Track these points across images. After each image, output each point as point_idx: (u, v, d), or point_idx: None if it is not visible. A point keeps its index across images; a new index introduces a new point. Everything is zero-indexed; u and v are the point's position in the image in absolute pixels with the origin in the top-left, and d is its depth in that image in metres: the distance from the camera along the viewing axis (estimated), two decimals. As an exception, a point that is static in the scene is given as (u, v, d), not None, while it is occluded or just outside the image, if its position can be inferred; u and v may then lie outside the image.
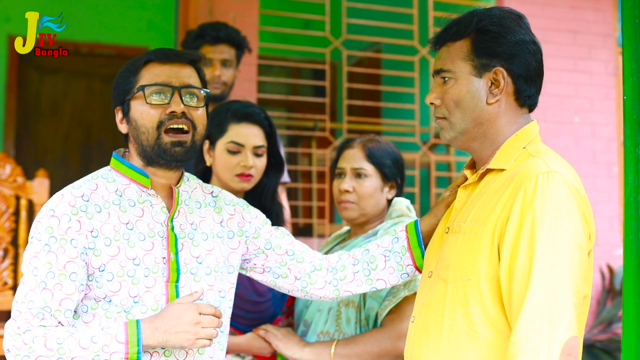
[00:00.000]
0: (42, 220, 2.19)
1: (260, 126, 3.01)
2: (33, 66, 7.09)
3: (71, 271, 2.15)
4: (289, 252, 2.53)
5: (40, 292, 2.12)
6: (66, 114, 7.28)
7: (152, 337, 2.14)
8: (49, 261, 2.14)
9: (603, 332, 5.94)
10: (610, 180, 6.27)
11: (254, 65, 5.55)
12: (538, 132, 2.18)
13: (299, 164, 7.09)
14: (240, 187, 2.97)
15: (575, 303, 1.89)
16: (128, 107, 2.29)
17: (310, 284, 2.52)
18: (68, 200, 2.21)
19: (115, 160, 2.35)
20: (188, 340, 2.16)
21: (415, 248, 2.45)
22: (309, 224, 6.28)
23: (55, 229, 2.16)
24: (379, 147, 2.98)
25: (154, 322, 2.16)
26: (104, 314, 2.20)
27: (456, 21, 2.18)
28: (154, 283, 2.24)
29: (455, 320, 2.04)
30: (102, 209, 2.24)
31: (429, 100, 2.20)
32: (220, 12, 5.44)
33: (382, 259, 2.49)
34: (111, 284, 2.19)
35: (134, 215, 2.27)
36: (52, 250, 2.15)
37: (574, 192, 1.97)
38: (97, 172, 2.35)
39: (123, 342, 2.10)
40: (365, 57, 7.31)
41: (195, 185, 2.47)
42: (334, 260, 2.55)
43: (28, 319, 2.09)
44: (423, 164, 6.32)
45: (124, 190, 2.30)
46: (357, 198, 2.93)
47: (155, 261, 2.25)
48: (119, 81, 2.33)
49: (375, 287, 2.51)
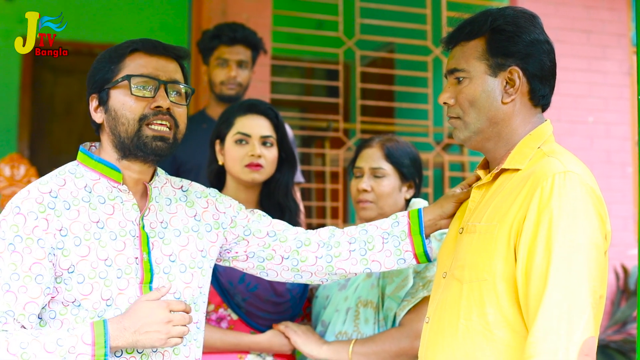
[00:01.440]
0: (7, 218, 2.06)
1: (266, 117, 3.03)
2: (47, 67, 7.11)
3: (37, 273, 2.03)
4: (269, 234, 2.45)
5: (3, 294, 1.99)
6: (80, 114, 7.29)
7: (120, 338, 2.04)
8: (13, 262, 2.01)
9: (617, 332, 5.92)
10: (624, 180, 6.24)
11: (267, 65, 5.55)
12: (552, 131, 2.17)
13: (312, 164, 7.09)
14: (250, 177, 2.97)
15: (592, 303, 1.89)
16: (107, 96, 2.20)
17: (300, 261, 2.44)
18: (35, 196, 2.09)
19: (83, 155, 2.25)
20: (159, 340, 2.07)
21: (415, 235, 2.41)
22: (322, 224, 6.27)
23: (21, 227, 2.04)
24: (397, 146, 2.98)
25: (122, 321, 2.06)
26: (73, 319, 2.09)
27: (470, 20, 2.17)
28: (127, 285, 2.14)
29: (471, 320, 2.03)
30: (71, 206, 2.13)
31: (443, 100, 2.19)
32: (233, 12, 5.45)
33: (380, 241, 2.44)
34: (82, 287, 2.08)
35: (104, 212, 2.17)
36: (16, 250, 2.02)
37: (590, 192, 1.96)
38: (63, 167, 2.24)
39: (90, 343, 1.99)
40: (378, 57, 7.30)
41: (164, 180, 2.37)
42: (325, 235, 2.48)
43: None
44: (437, 164, 6.31)
45: (93, 186, 2.19)
46: (375, 197, 2.93)
47: (127, 262, 2.15)
48: (98, 67, 2.23)
49: (370, 268, 2.45)
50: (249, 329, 2.91)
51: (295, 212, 3.12)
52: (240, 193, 3.01)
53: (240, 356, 2.89)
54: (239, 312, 2.89)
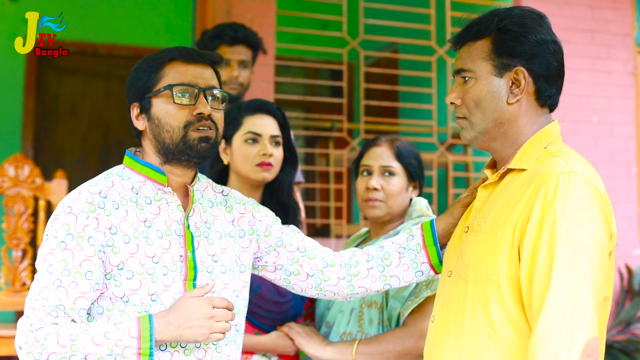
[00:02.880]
0: (59, 217, 2.16)
1: (274, 117, 3.06)
2: (51, 68, 7.12)
3: (87, 269, 2.13)
4: (300, 249, 2.51)
5: (55, 289, 2.10)
6: (84, 115, 7.31)
7: (165, 332, 2.11)
8: (64, 259, 2.12)
9: (621, 332, 5.91)
10: (628, 180, 6.24)
11: (271, 66, 5.55)
12: (559, 132, 2.17)
13: (316, 164, 7.09)
14: (261, 177, 2.98)
15: (596, 304, 1.88)
16: (149, 104, 2.27)
17: (323, 280, 2.49)
18: (85, 197, 2.19)
19: (129, 159, 2.34)
20: (202, 334, 2.14)
21: (430, 246, 2.44)
22: (326, 225, 6.28)
23: (72, 226, 2.14)
24: (405, 146, 2.99)
25: (167, 316, 2.13)
26: (120, 314, 2.18)
27: (477, 21, 2.17)
28: (172, 281, 2.22)
29: (476, 320, 2.03)
30: (120, 206, 2.22)
31: (449, 100, 2.19)
32: (237, 12, 5.45)
33: (396, 256, 2.47)
34: (131, 282, 2.17)
35: (150, 213, 2.26)
36: (68, 247, 2.13)
37: (595, 192, 1.96)
38: (111, 170, 2.33)
39: (136, 337, 2.07)
40: (382, 58, 7.31)
41: (206, 184, 2.47)
42: (347, 256, 2.53)
43: (41, 317, 2.07)
44: (440, 165, 6.32)
45: (139, 188, 2.28)
46: (384, 196, 2.93)
47: (173, 259, 2.23)
48: (137, 76, 2.30)
49: (389, 284, 2.49)
50: (254, 329, 2.91)
51: (297, 212, 3.13)
52: (244, 192, 3.00)
53: (246, 356, 2.90)
54: (243, 312, 2.89)
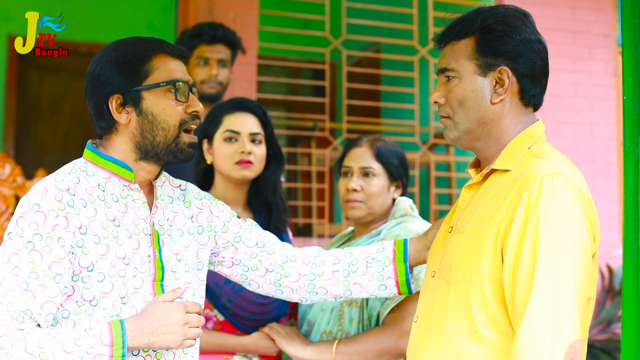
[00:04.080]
0: (26, 215, 2.02)
1: (254, 114, 3.04)
2: (33, 66, 7.09)
3: (56, 272, 2.01)
4: (259, 244, 2.44)
5: (21, 293, 1.96)
6: (66, 114, 7.28)
7: (137, 338, 2.03)
8: (32, 260, 1.99)
9: (602, 332, 5.94)
10: (609, 180, 6.27)
11: (253, 65, 5.55)
12: (544, 131, 2.17)
13: (298, 164, 7.09)
14: (241, 175, 2.97)
15: (579, 307, 1.89)
16: (139, 98, 2.16)
17: (284, 276, 2.43)
18: (54, 194, 2.05)
19: (92, 153, 2.22)
20: (176, 341, 2.07)
21: (400, 262, 2.41)
22: (308, 224, 6.28)
23: (41, 225, 2.01)
24: (386, 146, 2.98)
25: (140, 322, 2.05)
26: (87, 319, 2.07)
27: (461, 19, 2.16)
28: (142, 283, 2.15)
29: (458, 321, 2.03)
30: (88, 204, 2.10)
31: (433, 99, 2.19)
32: (219, 12, 5.44)
33: (364, 264, 2.43)
34: (102, 285, 2.08)
35: (118, 211, 2.16)
36: (36, 248, 2.00)
37: (578, 194, 1.96)
38: (72, 164, 2.21)
39: (108, 344, 1.98)
40: (364, 57, 7.31)
41: (164, 178, 2.36)
42: (311, 254, 2.48)
43: (6, 322, 1.94)
44: (423, 164, 6.33)
45: (105, 185, 2.17)
46: (364, 197, 2.92)
47: (142, 260, 2.16)
48: (118, 67, 2.16)
49: (351, 290, 2.44)
50: (235, 330, 2.90)
51: (284, 209, 3.11)
52: (229, 191, 3.01)
53: (226, 357, 2.89)
54: (225, 313, 2.89)
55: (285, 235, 3.12)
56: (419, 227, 2.84)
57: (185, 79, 2.20)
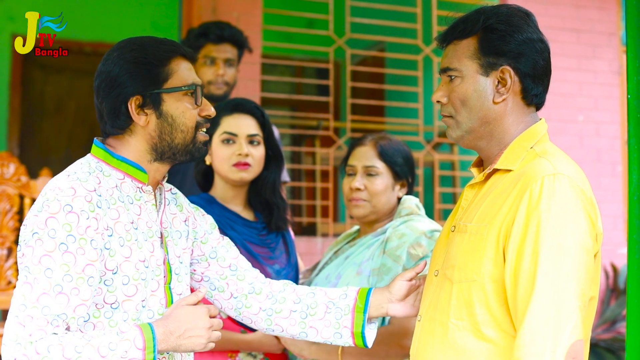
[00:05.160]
0: (57, 215, 1.97)
1: (252, 115, 3.02)
2: (37, 65, 7.09)
3: (89, 275, 1.98)
4: (231, 267, 2.43)
5: (55, 296, 1.93)
6: (70, 112, 7.29)
7: (165, 342, 2.02)
8: (65, 262, 1.95)
9: (607, 331, 5.94)
10: (614, 179, 6.27)
11: (257, 64, 5.55)
12: (546, 131, 2.16)
13: (302, 163, 7.09)
14: (238, 177, 2.96)
15: (580, 306, 1.89)
16: (159, 100, 2.15)
17: (245, 306, 2.42)
18: (83, 194, 2.01)
19: (104, 152, 2.18)
20: (200, 344, 2.08)
21: (359, 312, 2.36)
22: (312, 223, 6.28)
23: (74, 227, 1.97)
24: (390, 145, 2.97)
25: (168, 326, 2.04)
26: (107, 322, 2.06)
27: (463, 19, 2.16)
28: (158, 286, 2.16)
29: (461, 320, 2.03)
30: (111, 206, 2.08)
31: (436, 99, 2.19)
32: (224, 11, 5.44)
33: (323, 309, 2.39)
34: (126, 288, 2.07)
35: (134, 213, 2.15)
36: (69, 250, 1.96)
37: (580, 194, 1.96)
38: (85, 163, 2.17)
39: (141, 348, 1.96)
40: (368, 56, 7.32)
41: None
42: (277, 288, 2.45)
43: (41, 326, 1.90)
44: (427, 163, 6.32)
45: (120, 186, 2.15)
46: (368, 196, 2.92)
47: (157, 263, 2.16)
48: (137, 69, 2.14)
49: (306, 333, 2.40)
50: (240, 328, 2.90)
51: (284, 209, 3.11)
52: (228, 192, 3.01)
53: (230, 355, 2.89)
54: (228, 310, 2.89)
55: (287, 234, 3.12)
56: (424, 226, 2.84)
57: (200, 83, 2.21)
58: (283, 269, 3.01)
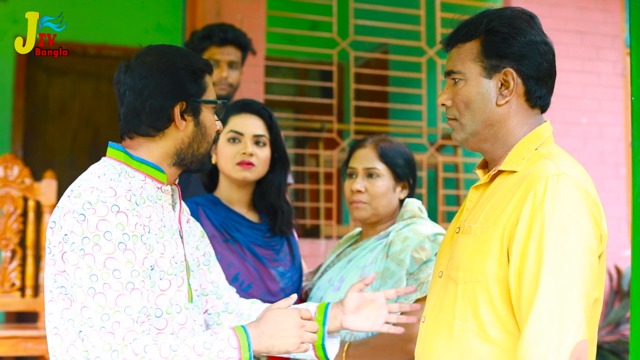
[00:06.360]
0: (108, 217, 2.01)
1: (260, 116, 3.02)
2: (41, 67, 7.09)
3: (148, 266, 2.07)
4: (214, 283, 2.50)
5: (130, 293, 1.99)
6: (74, 115, 7.29)
7: (259, 342, 2.09)
8: (128, 260, 2.01)
9: (611, 333, 5.93)
10: (618, 181, 6.26)
11: (261, 66, 5.55)
12: (551, 132, 2.17)
13: (306, 165, 7.09)
14: (242, 176, 2.96)
15: (584, 307, 1.89)
16: (199, 109, 2.23)
17: (216, 323, 2.49)
18: (123, 194, 2.06)
19: (124, 154, 2.22)
20: (294, 344, 2.13)
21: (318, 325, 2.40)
22: (316, 225, 6.28)
23: (126, 225, 2.03)
24: (391, 147, 2.97)
25: (260, 326, 2.11)
26: None
27: (467, 22, 2.17)
28: (182, 282, 2.21)
29: (466, 321, 2.04)
30: (143, 205, 2.14)
31: (440, 102, 2.19)
32: (227, 13, 5.45)
33: None
34: (162, 283, 2.13)
35: (160, 212, 2.21)
36: (128, 248, 2.02)
37: (584, 194, 1.96)
38: (109, 165, 2.20)
39: (236, 347, 2.03)
40: (372, 58, 7.31)
41: None
42: (245, 307, 2.52)
43: (130, 327, 1.96)
44: (430, 165, 6.32)
45: (144, 186, 2.19)
46: (369, 198, 2.92)
47: (181, 260, 2.22)
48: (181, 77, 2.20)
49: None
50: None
51: (289, 213, 3.10)
52: (233, 192, 3.01)
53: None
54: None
55: (292, 237, 3.12)
56: (427, 229, 2.84)
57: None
58: (287, 272, 3.01)
